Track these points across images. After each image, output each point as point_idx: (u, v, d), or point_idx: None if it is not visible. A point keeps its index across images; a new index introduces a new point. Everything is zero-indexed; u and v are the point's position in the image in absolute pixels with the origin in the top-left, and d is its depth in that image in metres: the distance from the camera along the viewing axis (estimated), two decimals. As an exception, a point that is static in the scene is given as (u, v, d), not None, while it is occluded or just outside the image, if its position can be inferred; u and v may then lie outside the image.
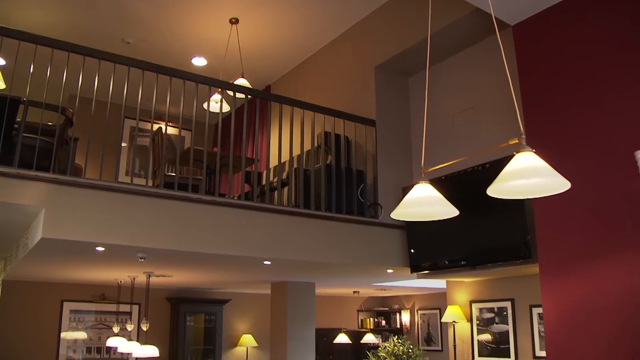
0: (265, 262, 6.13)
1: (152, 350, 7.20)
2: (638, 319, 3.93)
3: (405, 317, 12.38)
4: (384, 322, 12.68)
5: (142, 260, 5.82)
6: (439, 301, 11.30)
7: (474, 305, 7.02)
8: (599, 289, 4.49)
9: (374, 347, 11.16)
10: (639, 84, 4.34)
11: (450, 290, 7.36)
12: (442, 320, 7.34)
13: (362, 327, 12.56)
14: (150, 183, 5.95)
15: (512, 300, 6.60)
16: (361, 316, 12.75)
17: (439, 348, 11.21)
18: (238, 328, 10.93)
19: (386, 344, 7.14)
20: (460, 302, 7.18)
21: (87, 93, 5.12)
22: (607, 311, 4.42)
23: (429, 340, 11.57)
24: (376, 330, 12.27)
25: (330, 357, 11.75)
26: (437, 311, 11.46)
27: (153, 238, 5.07)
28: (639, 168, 3.90)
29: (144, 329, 7.89)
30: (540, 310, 6.28)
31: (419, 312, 12.04)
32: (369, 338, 11.21)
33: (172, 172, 6.14)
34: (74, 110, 5.17)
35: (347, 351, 12.02)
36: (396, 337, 7.27)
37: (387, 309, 12.75)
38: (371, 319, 12.65)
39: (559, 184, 2.45)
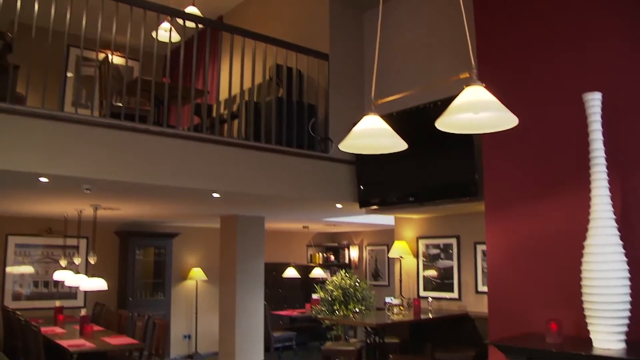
0: (214, 195, 6.09)
1: (100, 283, 7.16)
2: (577, 259, 4.06)
3: (353, 253, 12.59)
4: (332, 258, 12.89)
5: (88, 192, 5.71)
6: (387, 237, 11.51)
7: (421, 242, 7.17)
8: (541, 227, 4.61)
9: (322, 282, 11.38)
10: (595, 27, 4.36)
11: (398, 227, 7.49)
12: (389, 255, 7.50)
13: (311, 262, 12.75)
14: (96, 114, 5.78)
15: (458, 237, 6.76)
16: (310, 251, 12.93)
17: (386, 283, 11.49)
18: (187, 262, 10.96)
19: (334, 278, 7.29)
20: (407, 238, 7.32)
21: (28, 19, 4.87)
22: (548, 249, 4.56)
23: (376, 275, 11.84)
24: (325, 265, 12.48)
25: (279, 290, 11.93)
26: (385, 247, 11.68)
27: (99, 169, 4.96)
28: (586, 110, 3.96)
29: (92, 262, 7.82)
30: (484, 247, 6.46)
31: (367, 248, 12.27)
32: (318, 272, 11.40)
33: (119, 103, 5.97)
34: (14, 36, 4.92)
35: (296, 285, 12.22)
36: (344, 271, 7.43)
37: (336, 244, 12.94)
38: (320, 254, 12.84)
39: (507, 119, 2.46)
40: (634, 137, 4.11)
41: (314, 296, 11.27)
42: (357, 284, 7.13)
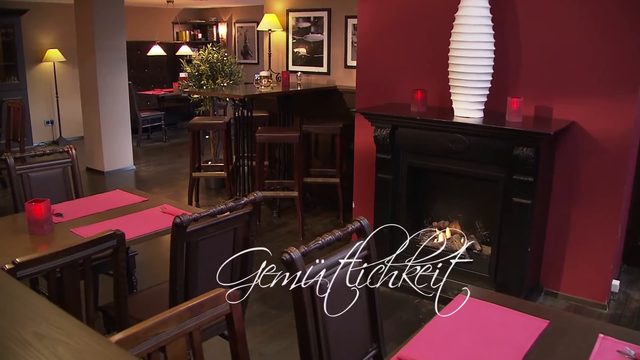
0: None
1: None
2: (448, 33, 4.06)
3: (222, 30, 12.12)
4: (200, 35, 12.36)
5: None
6: (257, 14, 11.10)
7: (291, 15, 6.90)
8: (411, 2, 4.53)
9: (189, 59, 11.01)
10: None
11: (267, -1, 7.13)
12: (258, 28, 7.21)
13: (177, 40, 12.17)
14: None
15: (329, 10, 6.56)
16: (176, 29, 12.28)
17: (255, 61, 11.29)
18: (42, 42, 10.03)
19: (201, 52, 6.97)
20: (277, 10, 7.01)
21: None
22: (420, 23, 4.52)
23: (245, 53, 11.56)
24: (192, 44, 11.98)
25: (145, 70, 11.46)
26: (255, 24, 11.29)
27: None
28: None
29: None
30: (355, 21, 6.32)
31: (236, 24, 11.81)
32: (185, 50, 10.94)
33: None
34: None
35: (162, 64, 11.78)
36: (210, 45, 7.09)
37: (203, 21, 12.34)
38: (187, 31, 12.25)
39: None
40: None
41: (182, 74, 10.94)
42: (224, 59, 6.87)
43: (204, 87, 6.71)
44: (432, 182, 4.57)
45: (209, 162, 6.91)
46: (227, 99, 6.49)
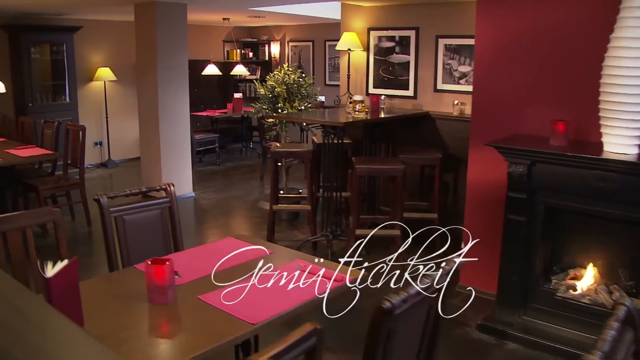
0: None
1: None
2: (589, 53, 3.53)
3: (274, 49, 11.68)
4: (251, 54, 11.94)
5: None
6: (312, 33, 10.68)
7: (373, 33, 6.40)
8: (548, 16, 3.98)
9: (242, 80, 10.59)
10: None
11: (346, 16, 6.63)
12: (337, 48, 6.68)
13: (228, 59, 11.73)
14: None
15: (417, 29, 6.05)
16: (227, 47, 11.85)
17: (311, 81, 10.79)
18: (93, 61, 9.63)
19: (276, 73, 6.50)
20: (356, 29, 6.51)
21: None
22: (552, 42, 3.99)
23: (299, 73, 11.09)
24: (243, 62, 11.53)
25: (196, 90, 11.02)
26: (310, 43, 10.87)
27: None
28: None
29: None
30: (447, 41, 5.84)
31: (290, 44, 11.37)
32: (240, 69, 10.47)
33: None
34: None
35: (214, 84, 11.34)
36: (286, 65, 6.64)
37: (255, 40, 11.91)
38: (238, 50, 11.80)
39: None
40: None
41: (236, 95, 10.51)
42: (301, 80, 6.39)
43: (280, 111, 6.23)
44: (566, 224, 4.01)
45: (281, 192, 6.41)
46: (304, 124, 6.00)
